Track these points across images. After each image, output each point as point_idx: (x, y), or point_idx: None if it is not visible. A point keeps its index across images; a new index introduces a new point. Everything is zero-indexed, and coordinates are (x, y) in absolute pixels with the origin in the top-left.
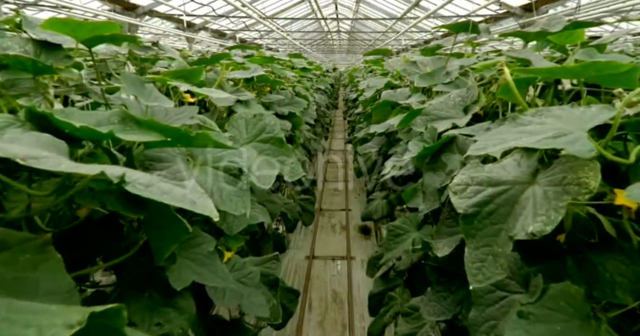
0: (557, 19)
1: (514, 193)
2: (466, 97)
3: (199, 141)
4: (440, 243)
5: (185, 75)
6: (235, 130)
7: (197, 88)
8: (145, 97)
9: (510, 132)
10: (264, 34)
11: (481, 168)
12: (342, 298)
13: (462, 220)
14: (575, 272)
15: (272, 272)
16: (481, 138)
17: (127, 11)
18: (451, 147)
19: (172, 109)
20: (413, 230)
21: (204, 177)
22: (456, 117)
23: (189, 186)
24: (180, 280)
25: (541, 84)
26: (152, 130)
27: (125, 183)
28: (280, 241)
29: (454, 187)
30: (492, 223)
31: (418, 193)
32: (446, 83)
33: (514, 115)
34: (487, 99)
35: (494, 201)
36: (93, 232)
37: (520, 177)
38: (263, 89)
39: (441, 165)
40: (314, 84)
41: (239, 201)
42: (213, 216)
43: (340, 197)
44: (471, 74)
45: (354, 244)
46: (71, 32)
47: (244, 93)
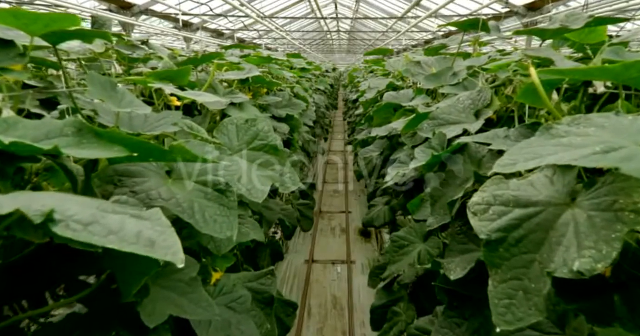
0: (577, 15)
1: (548, 216)
2: (477, 100)
3: (174, 155)
4: (452, 263)
5: (171, 76)
6: (224, 137)
7: (180, 91)
8: (115, 101)
9: (544, 145)
10: (262, 33)
11: (505, 185)
12: (342, 304)
13: (485, 247)
14: (625, 314)
15: (267, 289)
16: (509, 152)
17: (122, 10)
18: (462, 155)
19: (153, 115)
20: (418, 242)
21: (184, 194)
22: (466, 122)
23: (152, 216)
24: (154, 314)
25: (564, 87)
26: (115, 144)
27: (54, 223)
28: (278, 248)
29: (473, 207)
30: (522, 252)
31: (425, 204)
32: (453, 84)
33: (548, 125)
34: (502, 102)
35: (523, 225)
36: (50, 259)
37: (554, 198)
38: (260, 91)
39: (451, 175)
40: (313, 85)
41: (225, 222)
42: (176, 261)
43: (340, 198)
44: (481, 75)
45: (354, 247)
46: (24, 26)
47: (238, 96)
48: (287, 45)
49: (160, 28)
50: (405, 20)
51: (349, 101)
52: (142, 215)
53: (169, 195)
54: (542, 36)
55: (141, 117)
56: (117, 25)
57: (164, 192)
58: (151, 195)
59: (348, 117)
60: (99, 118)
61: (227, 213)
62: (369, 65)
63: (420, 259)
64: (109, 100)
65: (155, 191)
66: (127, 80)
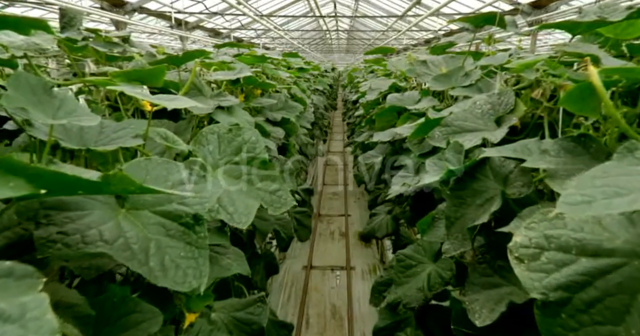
0: (613, 6)
1: (633, 273)
2: (498, 105)
3: (113, 187)
4: (476, 302)
5: (142, 76)
6: (203, 149)
7: (142, 95)
8: (49, 110)
9: (630, 174)
10: (260, 33)
11: (561, 222)
12: (341, 313)
13: (540, 310)
14: None
15: (257, 319)
16: (575, 185)
17: (115, 8)
18: (484, 169)
19: (112, 125)
20: (428, 262)
21: (138, 230)
22: (485, 130)
23: (28, 315)
24: None
25: (618, 90)
26: (12, 176)
27: None
28: (273, 261)
29: (517, 250)
30: (596, 321)
31: (437, 224)
32: (466, 86)
33: (631, 145)
34: (528, 107)
35: (595, 284)
36: None
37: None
38: (253, 92)
39: (471, 193)
40: (312, 85)
41: (191, 267)
42: None
43: (339, 201)
44: (498, 76)
45: (354, 252)
46: None
47: (227, 98)
48: (286, 45)
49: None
50: (405, 19)
51: (349, 102)
52: (9, 314)
53: (114, 235)
54: (573, 30)
55: (96, 129)
56: (110, 24)
57: (108, 230)
58: (87, 237)
59: (347, 118)
60: (31, 131)
61: (195, 255)
62: (369, 65)
63: (430, 283)
64: (39, 109)
65: (96, 230)
66: (84, 81)
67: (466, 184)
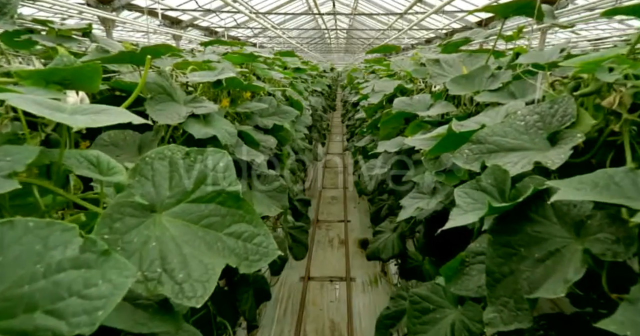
0: None
1: None
2: (550, 116)
3: None
4: None
5: (67, 77)
6: (148, 183)
7: (32, 106)
8: None
9: None
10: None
11: None
12: (341, 331)
13: None
14: None
15: None
16: None
17: (101, 4)
18: (541, 207)
19: None
20: (450, 307)
21: None
22: (534, 149)
23: None
24: None
25: None
26: None
27: None
28: (264, 286)
29: None
30: None
31: (469, 272)
32: (494, 90)
33: None
34: (599, 120)
35: None
36: None
37: None
38: (242, 96)
39: (525, 239)
40: (310, 86)
41: None
42: None
43: (338, 205)
44: (539, 76)
45: (354, 262)
46: None
47: (203, 105)
48: (284, 44)
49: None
50: (405, 18)
51: (348, 103)
52: None
53: None
54: None
55: None
56: (97, 22)
57: None
58: None
59: (347, 120)
60: None
61: None
62: (370, 65)
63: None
64: None
65: None
66: None
67: (516, 226)
